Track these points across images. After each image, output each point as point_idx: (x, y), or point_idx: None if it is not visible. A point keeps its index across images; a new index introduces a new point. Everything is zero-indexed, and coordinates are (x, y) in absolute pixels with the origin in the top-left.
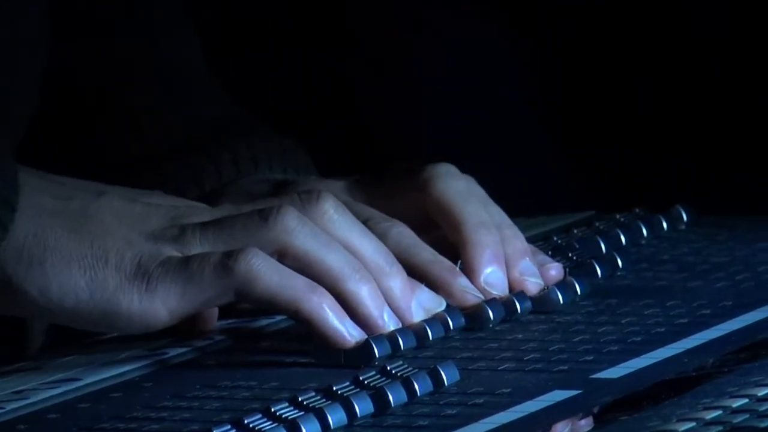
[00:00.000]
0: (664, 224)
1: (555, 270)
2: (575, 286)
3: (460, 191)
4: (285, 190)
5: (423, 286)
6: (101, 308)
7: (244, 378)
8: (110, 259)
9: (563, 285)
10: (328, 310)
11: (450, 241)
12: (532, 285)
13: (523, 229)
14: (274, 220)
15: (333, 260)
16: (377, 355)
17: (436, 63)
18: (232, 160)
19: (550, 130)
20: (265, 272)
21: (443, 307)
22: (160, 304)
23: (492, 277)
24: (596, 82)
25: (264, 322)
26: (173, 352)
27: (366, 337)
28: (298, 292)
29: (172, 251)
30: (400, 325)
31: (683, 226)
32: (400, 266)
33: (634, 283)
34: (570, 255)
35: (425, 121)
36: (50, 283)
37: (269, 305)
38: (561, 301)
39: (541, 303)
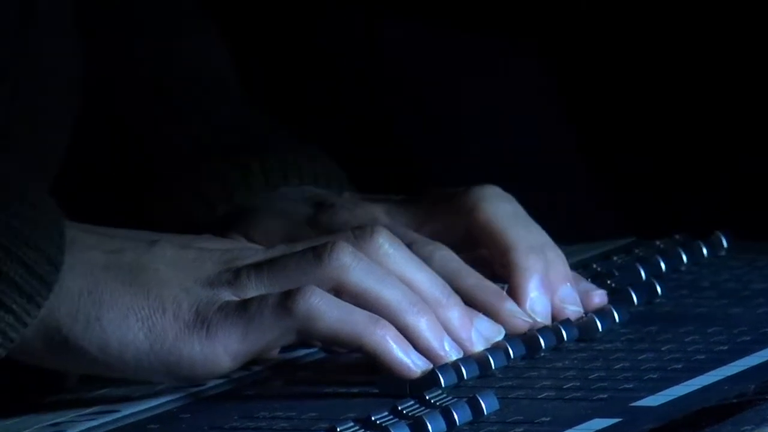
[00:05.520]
0: (704, 250)
1: (599, 298)
2: (613, 314)
3: (507, 214)
4: (326, 213)
5: (481, 315)
6: (162, 359)
7: (282, 409)
8: (167, 308)
9: (602, 312)
10: (391, 342)
11: (495, 263)
12: (572, 313)
13: None
14: (328, 258)
15: (390, 294)
16: (443, 385)
17: (473, 90)
18: (260, 170)
19: (589, 156)
20: (325, 309)
21: (502, 335)
22: (221, 350)
23: (537, 303)
24: (637, 110)
25: (302, 352)
26: (211, 383)
27: (431, 366)
28: (360, 326)
29: (228, 296)
30: (462, 355)
31: (723, 252)
32: (457, 297)
33: (674, 310)
34: (609, 282)
35: (463, 148)
36: (109, 338)
37: (332, 342)
38: (600, 329)
39: (580, 330)
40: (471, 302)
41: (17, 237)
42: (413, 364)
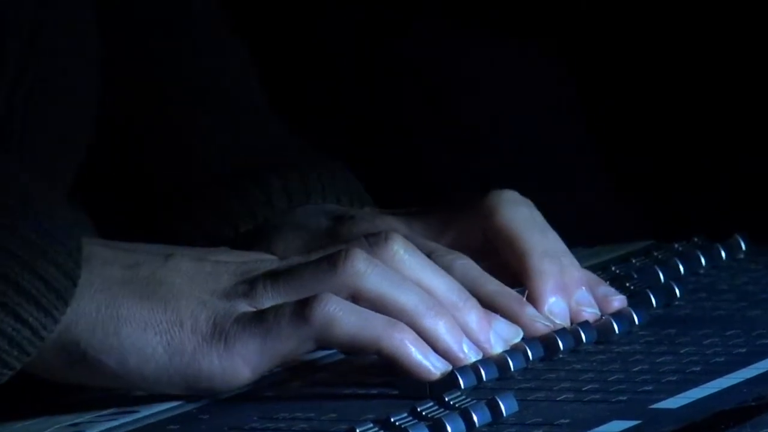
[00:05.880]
0: (723, 253)
1: (618, 302)
2: (632, 316)
3: (524, 219)
4: (345, 225)
5: (499, 317)
6: (181, 372)
7: (302, 410)
8: (185, 321)
9: (619, 315)
10: (410, 345)
11: (511, 268)
12: (589, 315)
13: (581, 259)
14: (343, 265)
15: (406, 299)
16: (463, 386)
17: (484, 94)
18: (283, 190)
19: (606, 159)
20: (342, 315)
21: (520, 337)
22: (240, 361)
23: (555, 307)
24: (653, 114)
25: (320, 353)
26: None
27: (450, 368)
28: (378, 330)
29: (245, 307)
30: (481, 357)
31: (742, 256)
32: (474, 300)
33: (693, 313)
34: (628, 284)
35: (474, 151)
36: (128, 352)
37: (351, 348)
38: (617, 331)
39: (598, 332)
40: (492, 309)
41: (35, 250)
42: (432, 366)
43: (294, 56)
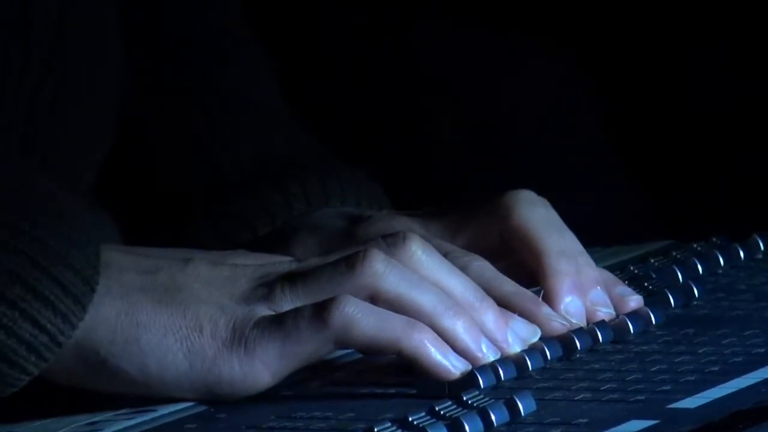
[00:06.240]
0: (741, 253)
1: (634, 302)
2: (649, 316)
3: (540, 219)
4: (361, 226)
5: (516, 316)
6: (202, 378)
7: (320, 409)
8: (205, 327)
9: (636, 314)
10: (430, 346)
11: (527, 268)
12: (603, 315)
13: (600, 259)
14: (361, 266)
15: (425, 299)
16: (482, 386)
17: (485, 94)
18: (302, 193)
19: (628, 160)
20: (361, 317)
21: (538, 336)
22: (260, 366)
23: (571, 306)
24: (674, 115)
25: (339, 353)
26: None
27: (470, 367)
28: (397, 331)
29: (264, 310)
30: (499, 356)
31: (760, 256)
32: (491, 300)
33: (711, 313)
34: (646, 284)
35: (476, 151)
36: (148, 359)
37: (370, 349)
38: (632, 331)
39: (615, 332)
40: (508, 309)
41: (52, 255)
42: (452, 366)
43: (294, 56)
